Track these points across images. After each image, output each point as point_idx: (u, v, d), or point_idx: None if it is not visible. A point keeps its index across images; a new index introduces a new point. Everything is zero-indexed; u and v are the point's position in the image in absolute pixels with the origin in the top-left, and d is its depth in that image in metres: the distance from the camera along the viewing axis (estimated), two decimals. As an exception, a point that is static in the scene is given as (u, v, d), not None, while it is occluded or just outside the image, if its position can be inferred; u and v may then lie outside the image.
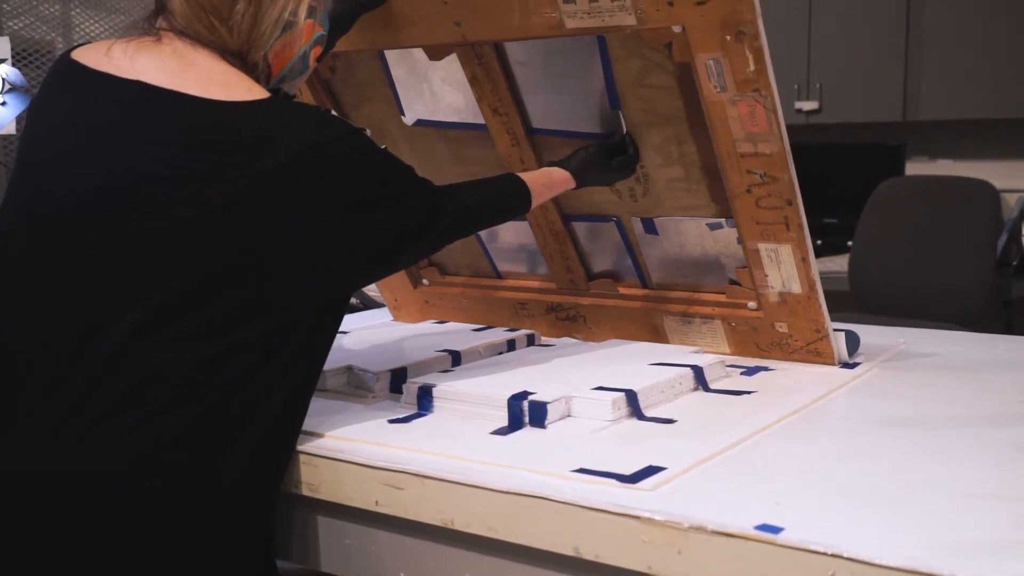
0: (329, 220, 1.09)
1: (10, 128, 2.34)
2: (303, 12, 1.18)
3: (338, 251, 1.12)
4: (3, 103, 2.27)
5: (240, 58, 1.15)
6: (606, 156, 1.52)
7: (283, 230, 1.07)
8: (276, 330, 1.09)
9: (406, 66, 1.65)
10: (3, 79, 2.27)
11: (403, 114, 1.71)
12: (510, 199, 1.40)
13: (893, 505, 0.95)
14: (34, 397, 1.04)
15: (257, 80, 1.15)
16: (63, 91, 1.15)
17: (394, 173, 1.19)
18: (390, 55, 1.65)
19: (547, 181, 1.46)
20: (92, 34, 2.96)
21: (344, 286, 1.19)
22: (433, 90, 1.65)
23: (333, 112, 1.11)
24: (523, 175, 1.43)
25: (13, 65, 2.32)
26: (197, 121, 1.07)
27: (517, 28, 1.44)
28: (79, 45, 1.19)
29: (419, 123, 1.70)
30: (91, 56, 1.14)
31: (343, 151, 1.11)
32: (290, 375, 1.11)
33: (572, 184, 1.49)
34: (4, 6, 2.73)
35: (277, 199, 1.06)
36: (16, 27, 2.76)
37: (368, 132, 1.17)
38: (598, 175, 1.53)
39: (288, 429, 1.15)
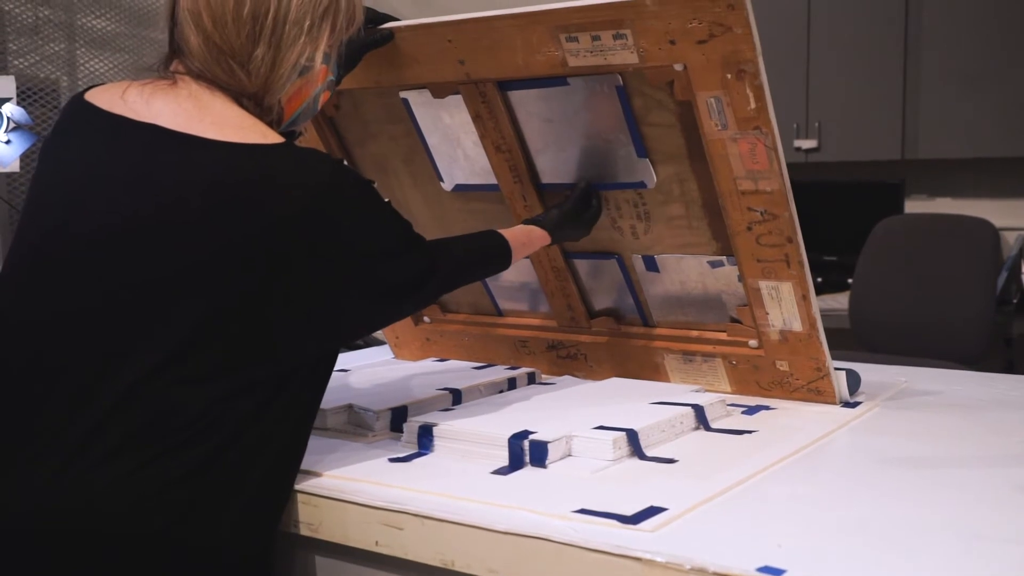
0: (337, 268, 1.11)
1: (14, 166, 2.36)
2: (319, 57, 1.20)
3: (342, 299, 1.13)
4: (7, 141, 2.29)
5: (256, 101, 1.16)
6: (576, 211, 1.56)
7: (293, 274, 1.08)
8: (279, 374, 1.09)
9: (439, 133, 1.67)
10: (8, 118, 2.29)
11: (442, 180, 1.73)
12: (494, 256, 1.42)
13: (897, 546, 0.95)
14: (41, 436, 1.04)
15: (270, 124, 1.16)
16: (77, 132, 1.16)
17: (397, 227, 1.20)
18: (423, 122, 1.67)
19: (526, 239, 1.49)
20: (97, 73, 2.99)
21: (344, 334, 1.20)
22: (467, 154, 1.66)
23: (345, 162, 1.14)
24: (504, 232, 1.45)
25: (18, 103, 2.34)
26: (213, 164, 1.08)
27: (520, 67, 1.46)
28: (93, 86, 1.20)
29: (457, 188, 1.72)
30: (105, 98, 1.15)
31: (355, 202, 1.13)
32: (289, 418, 1.12)
33: (548, 241, 1.53)
34: (10, 45, 2.76)
35: (290, 243, 1.07)
36: (21, 66, 2.78)
37: (376, 185, 1.19)
38: (571, 231, 1.57)
39: (286, 470, 1.14)
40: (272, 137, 1.12)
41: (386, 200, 1.20)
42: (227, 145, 1.09)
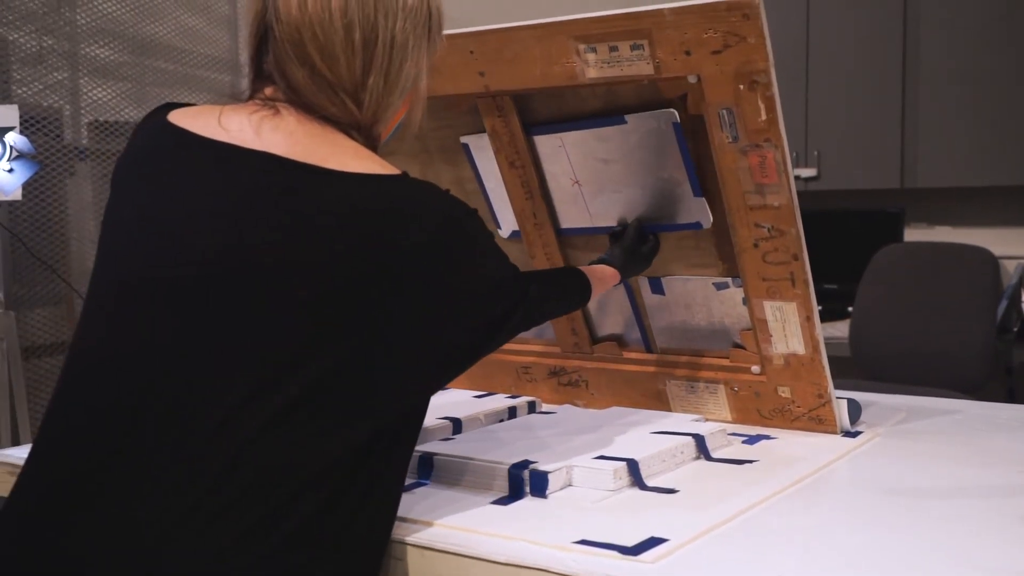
0: (455, 300, 1.06)
1: (17, 194, 2.36)
2: (423, 77, 1.16)
3: (455, 334, 1.07)
4: (10, 170, 2.30)
5: (364, 134, 1.11)
6: (635, 247, 1.58)
7: (416, 308, 1.02)
8: (385, 423, 1.02)
9: (496, 178, 1.68)
10: (11, 146, 2.30)
11: (499, 227, 1.74)
12: (576, 291, 1.41)
13: (898, 578, 0.94)
14: (143, 496, 0.94)
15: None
16: (170, 159, 1.07)
17: (502, 258, 1.15)
18: (482, 166, 1.69)
19: (601, 276, 1.48)
20: (100, 101, 3.01)
21: (451, 372, 1.12)
22: None
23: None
24: (583, 269, 1.45)
25: (21, 132, 2.35)
26: (341, 195, 1.02)
27: (539, 78, 1.48)
28: (169, 107, 1.10)
29: (514, 235, 1.73)
30: (200, 124, 1.07)
31: (474, 233, 1.09)
32: (391, 470, 1.05)
33: (618, 279, 1.53)
34: (13, 74, 2.78)
35: (417, 275, 1.01)
36: (25, 94, 2.80)
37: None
38: (633, 267, 1.58)
39: (387, 523, 1.07)
40: (390, 168, 1.06)
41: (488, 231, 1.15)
42: (352, 176, 1.03)
